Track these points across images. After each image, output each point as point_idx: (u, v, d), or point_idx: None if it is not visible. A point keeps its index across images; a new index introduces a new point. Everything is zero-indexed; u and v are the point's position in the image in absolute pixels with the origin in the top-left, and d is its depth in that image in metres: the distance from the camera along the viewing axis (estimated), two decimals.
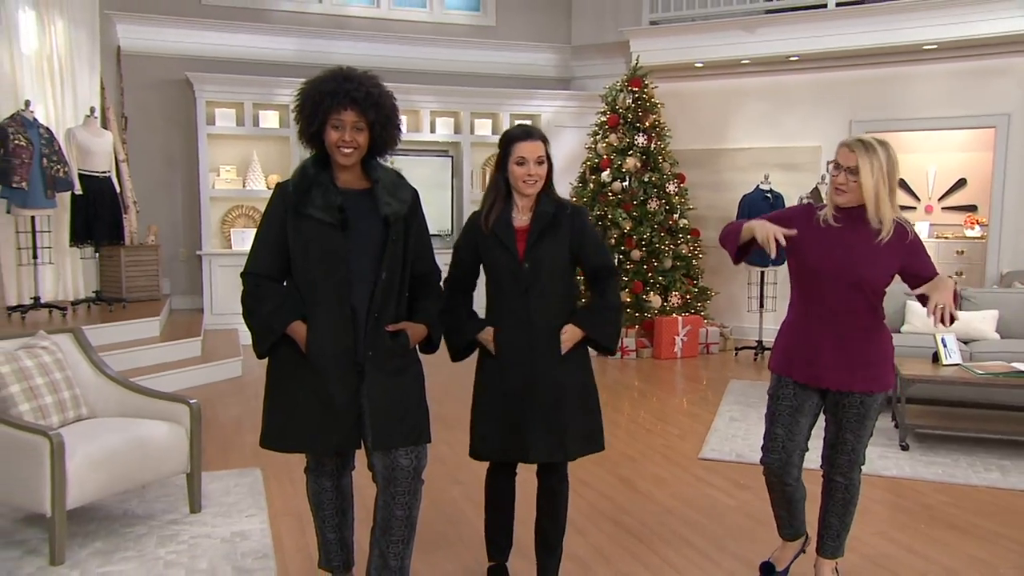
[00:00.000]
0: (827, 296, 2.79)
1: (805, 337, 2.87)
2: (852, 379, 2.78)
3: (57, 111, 7.61)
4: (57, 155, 6.89)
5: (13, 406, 3.44)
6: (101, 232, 7.29)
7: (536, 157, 2.75)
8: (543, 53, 9.76)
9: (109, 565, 3.25)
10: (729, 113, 9.02)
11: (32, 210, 6.78)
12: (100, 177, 7.32)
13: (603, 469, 4.53)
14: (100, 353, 5.82)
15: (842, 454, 2.88)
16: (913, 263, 2.75)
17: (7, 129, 6.59)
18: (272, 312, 2.60)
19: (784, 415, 2.92)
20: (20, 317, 6.68)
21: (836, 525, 2.95)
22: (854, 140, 2.73)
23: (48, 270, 7.38)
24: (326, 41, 8.89)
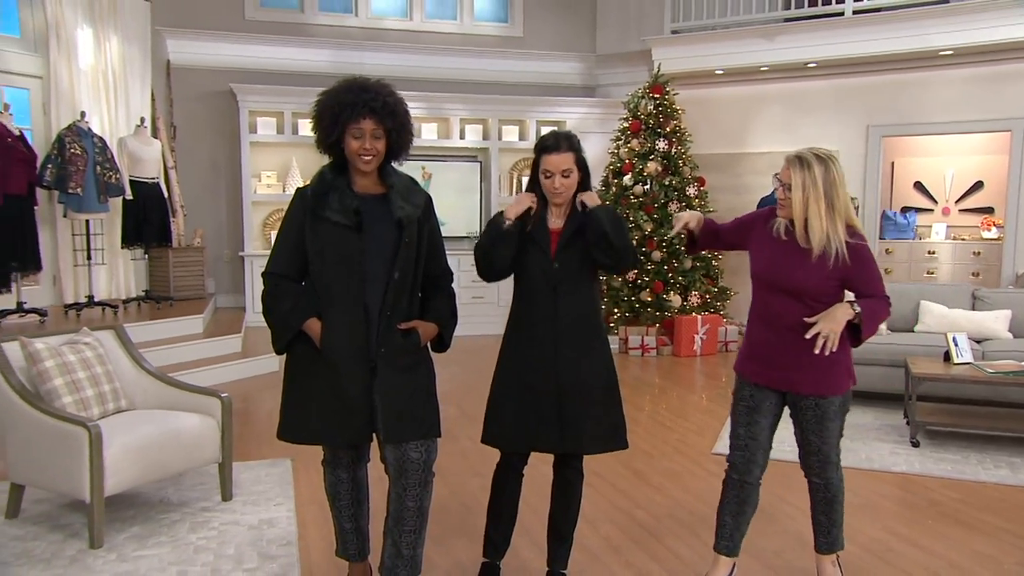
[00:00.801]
0: (773, 301, 2.72)
1: (758, 339, 2.80)
2: (800, 382, 2.69)
3: (111, 121, 7.75)
4: (110, 162, 7.01)
5: (57, 398, 3.49)
6: (150, 235, 7.42)
7: (562, 171, 2.73)
8: (569, 62, 9.71)
9: (144, 549, 3.28)
10: (748, 118, 8.90)
11: (86, 214, 6.92)
12: (149, 183, 7.44)
13: (618, 462, 4.48)
14: (147, 349, 5.94)
15: (811, 455, 2.79)
16: (855, 279, 2.63)
17: (64, 139, 6.72)
18: (290, 310, 2.61)
19: (743, 415, 2.84)
20: (76, 314, 6.81)
21: (824, 522, 2.88)
22: (793, 155, 2.63)
23: (102, 270, 7.52)
24: (361, 53, 8.94)
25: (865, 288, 2.66)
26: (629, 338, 7.94)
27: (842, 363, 2.71)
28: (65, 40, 7.40)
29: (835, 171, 2.58)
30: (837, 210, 2.57)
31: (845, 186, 2.61)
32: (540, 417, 2.76)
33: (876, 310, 2.64)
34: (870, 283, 2.66)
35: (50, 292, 7.48)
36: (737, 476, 2.86)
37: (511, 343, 2.86)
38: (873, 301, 2.65)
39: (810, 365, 2.64)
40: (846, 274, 2.62)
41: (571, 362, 2.77)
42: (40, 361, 3.50)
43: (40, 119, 7.48)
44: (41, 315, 6.53)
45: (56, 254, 7.37)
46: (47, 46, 7.33)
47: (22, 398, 3.43)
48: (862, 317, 2.58)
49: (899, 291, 6.28)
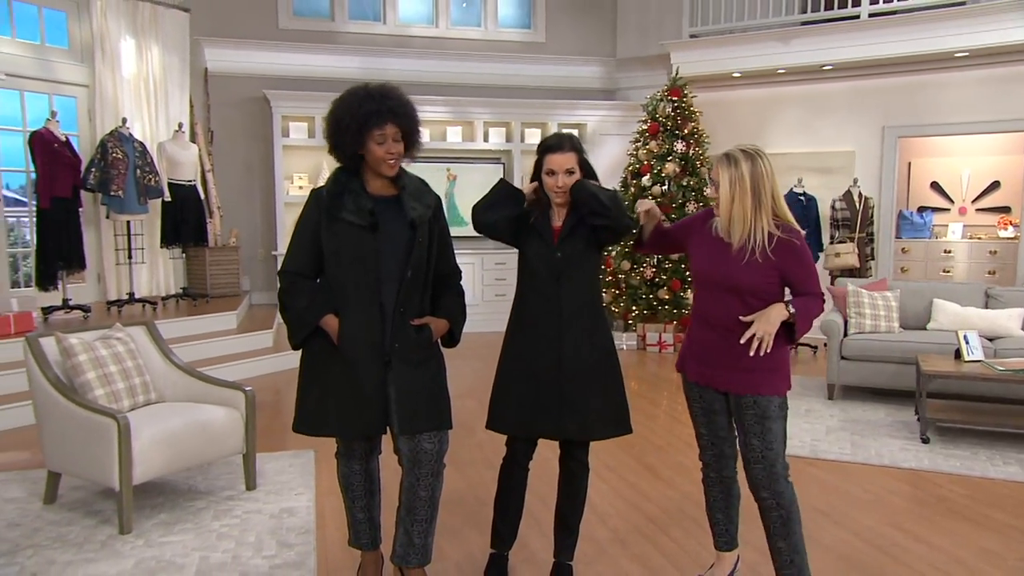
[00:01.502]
0: (711, 300, 2.62)
1: (698, 338, 2.71)
2: (740, 382, 2.57)
3: (152, 127, 7.85)
4: (149, 166, 7.11)
5: (90, 391, 3.54)
6: (187, 235, 7.51)
7: (565, 169, 2.71)
8: (589, 66, 9.64)
9: (170, 535, 3.31)
10: (766, 120, 8.77)
11: (127, 215, 7.02)
12: (186, 185, 7.53)
13: (629, 456, 4.44)
14: (184, 343, 6.02)
15: (755, 463, 2.55)
16: (788, 273, 2.52)
17: (107, 144, 6.82)
18: (306, 307, 2.61)
19: (699, 415, 2.75)
20: (117, 310, 6.91)
21: (784, 549, 2.57)
22: (721, 153, 2.56)
23: (143, 269, 7.63)
24: (389, 59, 8.95)
25: (799, 284, 2.54)
26: (647, 335, 7.87)
27: (781, 365, 2.58)
28: (109, 51, 7.52)
29: (762, 166, 2.50)
30: (763, 205, 2.49)
31: (775, 181, 2.53)
32: (543, 403, 2.73)
33: (809, 308, 2.52)
34: (804, 279, 2.54)
35: (95, 289, 7.60)
36: (714, 474, 2.79)
37: (515, 332, 2.83)
38: (806, 299, 2.54)
39: (749, 366, 2.53)
40: (781, 270, 2.51)
41: (574, 349, 2.74)
42: (74, 355, 3.55)
43: (86, 125, 7.61)
44: (85, 311, 6.63)
45: (100, 254, 7.49)
46: (93, 57, 7.45)
47: (57, 390, 3.47)
48: (796, 316, 2.48)
49: (912, 289, 6.16)
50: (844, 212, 7.66)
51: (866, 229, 7.67)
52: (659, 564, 3.12)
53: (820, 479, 4.11)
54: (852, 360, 5.69)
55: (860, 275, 7.43)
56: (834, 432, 4.94)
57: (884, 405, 5.59)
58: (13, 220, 7.81)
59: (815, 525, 3.50)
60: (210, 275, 7.86)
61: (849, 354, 5.69)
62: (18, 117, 7.24)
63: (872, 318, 5.80)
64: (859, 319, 5.81)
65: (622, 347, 7.91)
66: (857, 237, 7.59)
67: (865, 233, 7.67)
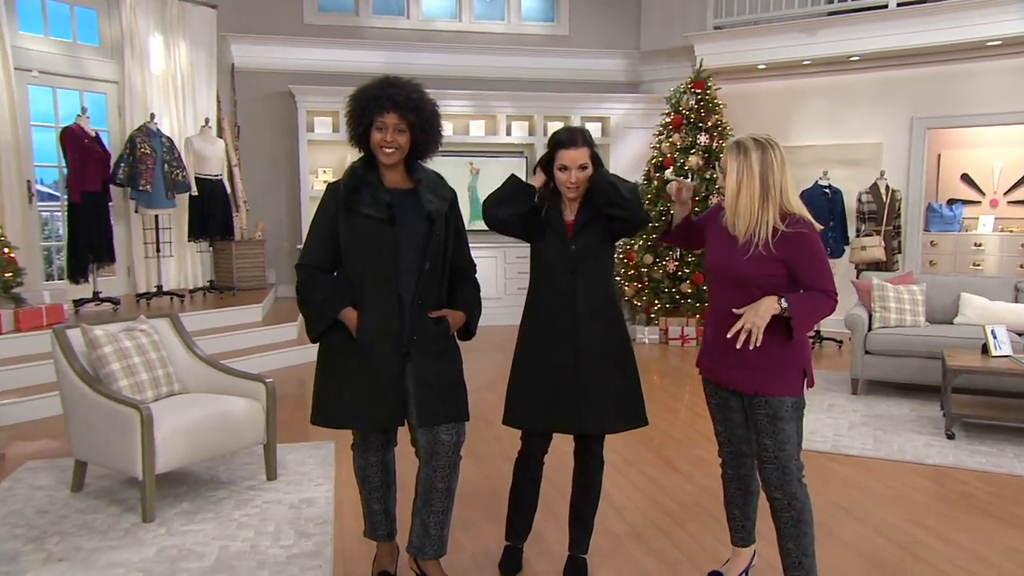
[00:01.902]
0: (724, 295, 2.54)
1: (711, 335, 2.65)
2: (749, 380, 2.50)
3: (180, 122, 7.94)
4: (177, 161, 7.19)
5: (114, 381, 3.59)
6: (214, 228, 7.59)
7: (578, 165, 2.69)
8: (613, 59, 9.57)
9: (191, 524, 3.35)
10: (791, 112, 8.65)
11: (155, 209, 7.11)
12: (213, 180, 7.60)
13: (648, 450, 4.41)
14: (210, 336, 6.10)
15: (768, 463, 2.48)
16: (794, 264, 2.42)
17: (135, 139, 6.91)
18: (324, 299, 2.62)
19: (716, 412, 2.71)
20: (146, 303, 7.01)
21: (793, 551, 2.50)
22: (732, 141, 2.48)
23: (171, 262, 7.73)
24: (413, 53, 8.96)
25: (806, 279, 2.43)
26: (669, 329, 7.82)
27: (794, 363, 2.49)
28: (138, 47, 7.61)
29: (773, 157, 2.40)
30: (771, 197, 2.40)
31: (787, 172, 2.42)
32: (559, 397, 2.72)
33: (812, 304, 2.41)
34: (811, 274, 2.43)
35: (125, 282, 7.72)
36: (731, 471, 2.76)
37: (529, 327, 2.82)
38: (809, 294, 2.42)
39: (756, 363, 2.45)
40: (788, 263, 2.42)
41: (589, 342, 2.72)
42: (99, 347, 3.60)
43: (116, 121, 7.72)
44: (115, 304, 6.74)
45: (130, 247, 7.61)
46: (122, 53, 7.55)
47: (83, 381, 3.53)
48: (791, 311, 2.38)
49: (939, 283, 6.05)
50: (870, 205, 7.53)
51: (893, 222, 7.54)
52: (675, 558, 3.10)
53: (841, 475, 4.05)
54: (876, 355, 5.60)
55: (887, 269, 7.30)
56: (857, 427, 4.87)
57: (909, 400, 5.50)
58: (47, 214, 7.96)
59: (835, 521, 3.45)
60: (236, 268, 7.94)
61: (873, 348, 5.60)
62: (51, 113, 7.37)
63: (897, 312, 5.70)
64: (884, 313, 5.71)
65: (644, 341, 7.87)
66: (884, 230, 7.46)
67: (892, 226, 7.54)
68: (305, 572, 2.92)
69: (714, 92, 8.03)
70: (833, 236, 7.41)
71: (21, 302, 5.84)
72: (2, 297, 5.70)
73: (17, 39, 6.89)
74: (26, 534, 3.26)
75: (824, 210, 7.35)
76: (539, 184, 2.79)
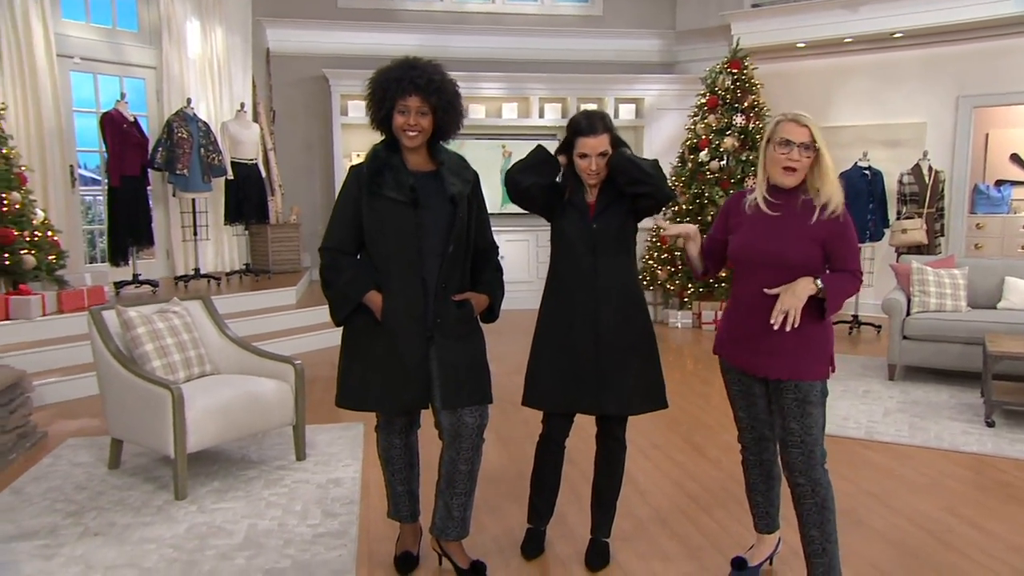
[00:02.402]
0: (755, 280, 2.49)
1: (736, 320, 2.60)
2: (778, 367, 2.46)
3: (216, 107, 8.05)
4: (213, 145, 7.28)
5: (147, 362, 3.66)
6: (249, 212, 7.69)
7: (598, 153, 2.66)
8: (648, 39, 9.43)
9: (221, 502, 3.42)
10: (832, 91, 8.44)
11: (192, 193, 7.22)
12: (248, 164, 7.70)
13: (677, 435, 4.38)
14: (246, 318, 6.19)
15: (793, 447, 2.44)
16: (832, 245, 2.42)
17: (172, 124, 7.02)
18: (348, 282, 2.63)
19: (738, 398, 2.67)
20: (184, 285, 7.14)
21: (817, 537, 2.47)
22: (797, 114, 2.42)
23: (208, 245, 7.85)
24: (446, 36, 8.94)
25: (841, 260, 2.44)
26: (703, 313, 7.73)
27: (821, 348, 2.47)
28: (176, 33, 7.72)
29: None
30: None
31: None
32: (580, 377, 2.71)
33: (843, 284, 2.42)
34: (847, 256, 2.45)
35: (164, 265, 7.88)
36: (753, 457, 2.73)
37: (550, 305, 2.80)
38: (840, 275, 2.44)
39: (789, 349, 2.43)
40: (827, 237, 2.41)
41: (611, 323, 2.71)
42: (133, 328, 3.68)
43: (155, 106, 7.85)
44: (153, 286, 6.88)
45: (168, 231, 7.75)
46: (160, 39, 7.66)
47: (118, 361, 3.61)
48: (826, 291, 2.38)
49: (982, 267, 5.88)
50: (912, 187, 7.34)
51: (935, 204, 7.34)
52: (699, 543, 3.07)
53: (873, 462, 3.98)
54: (915, 340, 5.47)
55: (928, 252, 7.12)
56: (892, 414, 4.77)
57: (948, 387, 5.37)
58: (90, 199, 8.16)
59: (865, 508, 3.40)
60: (272, 252, 8.05)
61: (912, 334, 5.47)
62: (92, 99, 7.52)
63: (937, 296, 5.56)
64: (923, 297, 5.57)
65: (677, 325, 7.80)
66: (926, 212, 7.27)
67: (935, 208, 7.34)
68: (330, 551, 2.96)
69: (751, 72, 7.87)
70: (873, 219, 7.24)
71: (64, 284, 5.99)
72: (46, 279, 5.85)
73: (60, 26, 7.03)
74: (65, 508, 3.36)
75: (864, 192, 7.18)
76: (563, 163, 2.76)
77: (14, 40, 6.48)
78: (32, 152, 6.57)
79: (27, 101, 6.59)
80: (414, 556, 2.88)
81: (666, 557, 2.96)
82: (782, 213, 2.47)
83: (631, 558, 2.94)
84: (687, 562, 2.92)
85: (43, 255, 5.77)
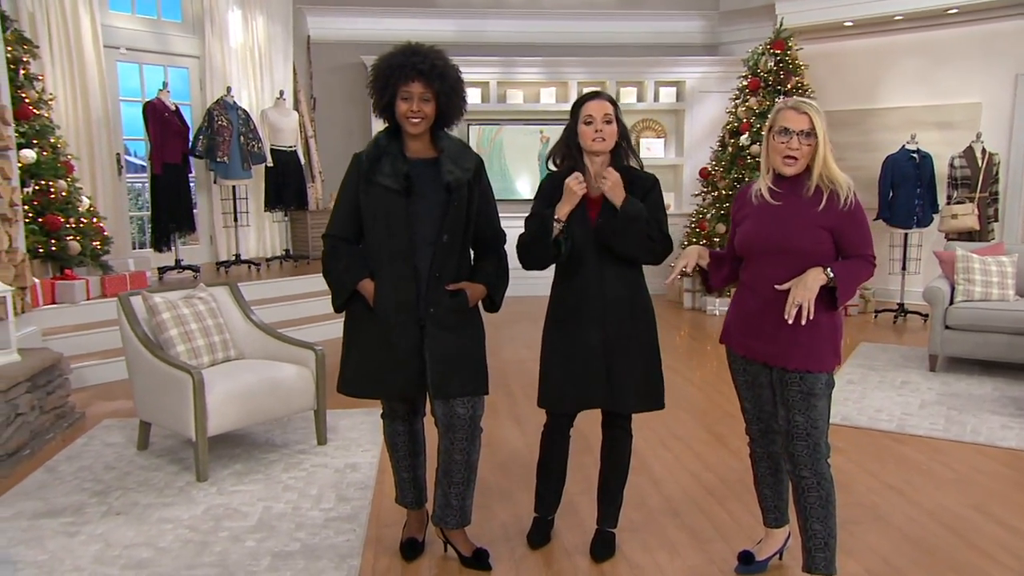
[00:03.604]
0: (765, 270, 2.44)
1: (743, 309, 2.54)
2: (786, 356, 2.40)
3: (257, 95, 8.18)
4: (252, 133, 7.41)
5: (172, 347, 3.76)
6: (289, 199, 7.81)
7: (603, 115, 2.62)
8: (690, 21, 9.23)
9: (240, 485, 3.51)
10: (880, 71, 8.16)
11: (232, 180, 7.37)
12: (287, 151, 7.82)
13: (699, 425, 4.32)
14: (282, 303, 6.31)
15: (798, 440, 2.40)
16: (842, 233, 2.37)
17: (212, 112, 7.16)
18: (344, 270, 2.66)
19: (744, 389, 2.62)
20: (224, 271, 7.31)
21: (821, 532, 2.43)
22: (798, 101, 2.38)
23: (249, 232, 8.01)
24: (484, 20, 8.91)
25: (852, 247, 2.39)
26: None
27: (829, 338, 2.42)
28: (218, 22, 7.85)
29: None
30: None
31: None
32: (589, 375, 2.69)
33: (855, 271, 2.37)
34: (859, 242, 2.39)
35: (207, 250, 8.07)
36: (761, 449, 2.68)
37: (558, 304, 2.77)
38: (851, 262, 2.38)
39: (797, 339, 2.38)
40: (837, 224, 2.36)
41: (618, 321, 2.68)
42: (158, 313, 3.78)
43: (198, 95, 8.01)
44: (195, 271, 7.06)
45: (211, 217, 7.93)
46: (203, 28, 7.81)
47: (144, 345, 3.71)
48: (837, 280, 2.32)
49: None
50: (964, 170, 7.05)
51: (989, 188, 7.03)
52: (708, 535, 3.03)
53: (901, 455, 3.86)
54: (958, 330, 5.28)
55: (980, 238, 6.84)
56: (929, 406, 4.62)
57: (992, 379, 5.18)
58: (140, 185, 8.40)
59: (886, 503, 3.31)
60: (311, 237, 8.16)
61: (955, 323, 5.28)
62: (138, 89, 7.71)
63: (983, 285, 5.35)
64: (968, 286, 5.37)
65: (715, 312, 7.67)
66: (978, 197, 6.97)
67: (988, 193, 7.04)
68: (339, 535, 3.01)
69: (795, 53, 7.65)
70: (920, 203, 6.98)
71: (108, 269, 6.19)
72: (90, 264, 6.05)
73: (107, 18, 7.22)
74: (93, 488, 3.49)
75: (911, 176, 6.94)
76: (576, 202, 2.63)
77: (63, 32, 6.68)
78: (80, 141, 6.78)
79: (75, 91, 6.80)
80: (419, 542, 2.91)
81: (673, 549, 2.93)
82: (787, 201, 2.42)
83: (637, 549, 2.92)
84: (694, 554, 2.88)
85: (88, 241, 5.96)
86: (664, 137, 9.11)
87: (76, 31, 6.75)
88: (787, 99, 2.43)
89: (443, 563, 2.82)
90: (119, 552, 2.88)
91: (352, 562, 2.80)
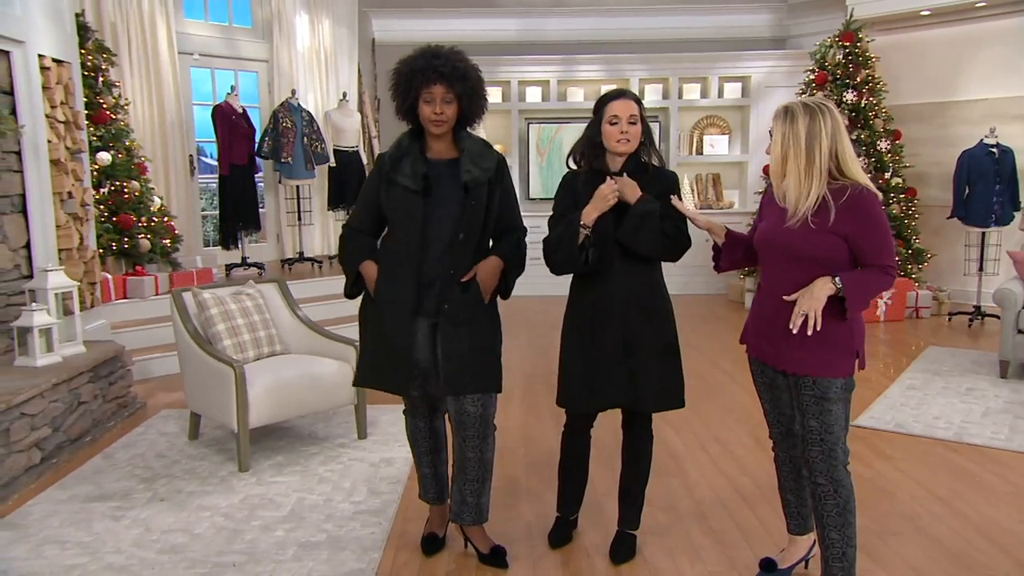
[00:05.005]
0: (772, 270, 2.37)
1: (759, 312, 2.46)
2: (798, 361, 2.32)
3: (323, 97, 8.40)
4: (316, 134, 7.62)
5: (219, 341, 3.92)
6: (351, 198, 7.96)
7: (628, 116, 2.61)
8: (757, 14, 9.01)
9: (279, 476, 3.62)
10: (960, 62, 7.77)
11: (296, 180, 7.59)
12: (349, 151, 8.00)
13: (743, 428, 4.22)
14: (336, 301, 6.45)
15: (812, 445, 2.34)
16: (854, 239, 2.25)
17: (278, 114, 7.40)
18: (351, 253, 2.75)
19: (763, 391, 2.54)
20: (288, 268, 7.54)
21: (838, 541, 2.36)
22: (781, 106, 2.29)
23: (313, 230, 8.24)
24: (544, 19, 8.91)
25: (866, 255, 2.27)
26: None
27: (844, 344, 2.32)
28: (286, 26, 8.11)
29: (822, 123, 2.23)
30: (815, 167, 2.23)
31: (841, 138, 2.26)
32: (609, 374, 2.67)
33: (868, 282, 2.27)
34: (872, 250, 2.26)
35: (274, 248, 8.34)
36: (783, 453, 2.60)
37: (577, 303, 2.77)
38: (864, 272, 2.27)
39: (806, 344, 2.29)
40: (852, 233, 2.25)
41: (638, 320, 2.66)
42: (206, 309, 3.94)
43: (266, 97, 8.29)
44: (259, 268, 7.31)
45: (277, 216, 8.20)
46: (271, 33, 8.08)
47: (193, 339, 3.88)
48: (845, 291, 2.23)
49: None
50: None
51: None
52: (734, 540, 2.97)
53: (953, 464, 3.69)
54: None
55: None
56: (993, 415, 4.39)
57: None
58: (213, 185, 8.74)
59: (928, 513, 3.17)
60: None
61: None
62: (210, 93, 8.04)
63: None
64: None
65: None
66: None
67: None
68: (365, 527, 3.08)
69: (865, 45, 7.38)
70: (999, 201, 6.62)
71: (176, 266, 6.48)
72: (160, 262, 6.35)
73: (181, 25, 7.56)
74: (142, 474, 3.67)
75: (989, 172, 6.59)
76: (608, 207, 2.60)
77: (141, 40, 7.02)
78: (155, 143, 7.11)
79: (151, 96, 7.14)
80: (440, 538, 2.94)
81: (696, 554, 2.88)
82: (780, 204, 2.35)
83: (659, 553, 2.88)
84: (717, 560, 2.83)
85: (158, 239, 6.25)
86: (728, 134, 8.92)
87: (153, 39, 7.09)
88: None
89: (461, 559, 2.85)
90: (157, 536, 3.03)
91: (374, 555, 2.86)
